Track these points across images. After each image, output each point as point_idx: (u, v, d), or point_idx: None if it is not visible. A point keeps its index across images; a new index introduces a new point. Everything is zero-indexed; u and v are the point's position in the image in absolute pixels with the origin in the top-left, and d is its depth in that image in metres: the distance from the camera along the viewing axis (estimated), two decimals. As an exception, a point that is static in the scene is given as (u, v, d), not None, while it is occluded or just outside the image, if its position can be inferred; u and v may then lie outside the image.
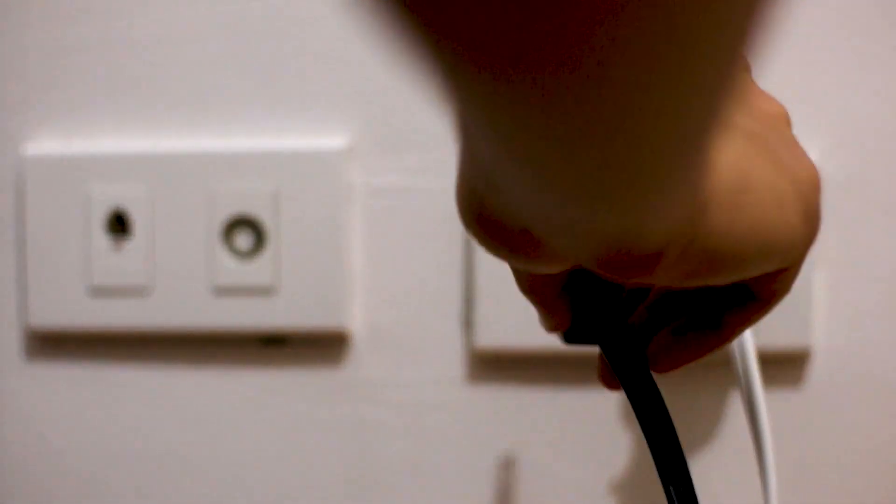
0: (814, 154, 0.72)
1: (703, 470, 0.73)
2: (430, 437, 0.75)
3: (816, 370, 0.73)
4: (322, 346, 0.75)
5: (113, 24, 0.76)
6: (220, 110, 0.76)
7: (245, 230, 0.75)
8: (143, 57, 0.76)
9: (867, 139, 0.72)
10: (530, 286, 0.51)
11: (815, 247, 0.71)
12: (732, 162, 0.42)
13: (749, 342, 0.63)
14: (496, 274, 0.72)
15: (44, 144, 0.76)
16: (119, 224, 0.76)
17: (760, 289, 0.49)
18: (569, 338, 0.50)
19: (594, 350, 0.55)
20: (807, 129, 0.73)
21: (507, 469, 0.75)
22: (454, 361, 0.75)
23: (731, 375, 0.68)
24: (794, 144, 0.48)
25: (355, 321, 0.75)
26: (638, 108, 0.30)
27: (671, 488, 0.48)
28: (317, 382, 0.76)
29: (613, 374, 0.50)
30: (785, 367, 0.73)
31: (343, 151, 0.74)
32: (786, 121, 0.49)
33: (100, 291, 0.75)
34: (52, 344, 0.77)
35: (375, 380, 0.75)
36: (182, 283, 0.75)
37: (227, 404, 0.76)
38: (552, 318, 0.52)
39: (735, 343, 0.63)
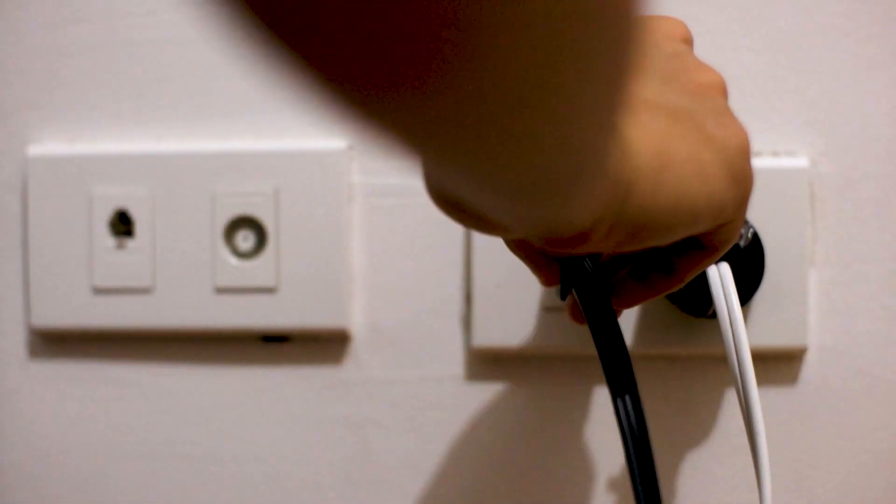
0: (807, 154, 0.73)
1: (699, 467, 0.74)
2: (430, 436, 0.75)
3: (811, 368, 0.73)
4: (322, 344, 0.76)
5: (115, 25, 0.77)
6: (222, 111, 0.76)
7: (246, 230, 0.75)
8: (145, 58, 0.77)
9: (861, 140, 0.73)
10: (516, 244, 0.55)
11: (809, 246, 0.71)
12: (653, 143, 0.45)
13: (744, 340, 0.64)
14: (496, 274, 0.73)
15: (47, 145, 0.77)
16: (122, 224, 0.76)
17: (705, 240, 0.53)
18: (563, 292, 0.56)
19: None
20: (801, 130, 0.73)
21: (506, 468, 0.75)
22: (454, 361, 0.75)
23: (727, 373, 0.69)
24: (723, 113, 0.50)
25: (355, 320, 0.76)
26: (517, 115, 0.32)
27: (619, 401, 0.53)
28: (317, 381, 0.76)
29: (581, 309, 0.55)
30: (780, 365, 0.73)
31: (343, 151, 0.75)
32: (720, 90, 0.51)
33: (103, 291, 0.76)
34: (56, 343, 0.78)
35: (375, 379, 0.76)
36: (184, 282, 0.75)
37: (228, 402, 0.77)
38: (540, 272, 0.56)
39: (730, 341, 0.64)
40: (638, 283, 0.57)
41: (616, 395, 0.53)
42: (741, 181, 0.50)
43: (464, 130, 0.32)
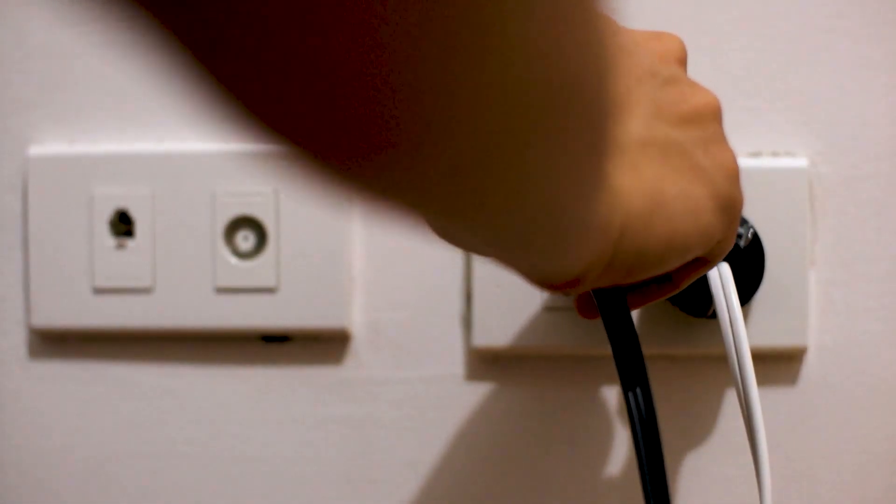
0: (807, 154, 0.73)
1: (699, 467, 0.74)
2: (430, 436, 0.75)
3: (811, 368, 0.73)
4: (323, 344, 0.76)
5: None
6: (222, 112, 0.76)
7: (246, 230, 0.75)
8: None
9: (860, 140, 0.73)
10: None
11: (809, 246, 0.72)
12: (644, 186, 0.46)
13: (744, 340, 0.64)
14: (496, 274, 0.73)
15: (48, 145, 0.77)
16: (122, 224, 0.76)
17: (701, 255, 0.54)
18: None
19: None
20: (801, 130, 0.73)
21: (506, 468, 0.75)
22: (454, 361, 0.75)
23: (727, 373, 0.69)
24: (714, 140, 0.51)
25: (355, 320, 0.76)
26: (483, 178, 0.32)
27: (630, 394, 0.54)
28: (317, 381, 0.76)
29: (590, 306, 0.57)
30: (780, 365, 0.73)
31: (344, 152, 0.75)
32: (713, 114, 0.51)
33: (103, 290, 0.76)
34: (56, 343, 0.78)
35: (376, 378, 0.76)
36: (184, 282, 0.75)
37: (228, 402, 0.77)
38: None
39: (730, 341, 0.64)
40: (641, 291, 0.58)
41: (627, 388, 0.55)
42: (729, 207, 0.51)
43: (434, 195, 0.33)
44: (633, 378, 0.54)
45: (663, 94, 0.50)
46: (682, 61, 0.53)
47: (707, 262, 0.55)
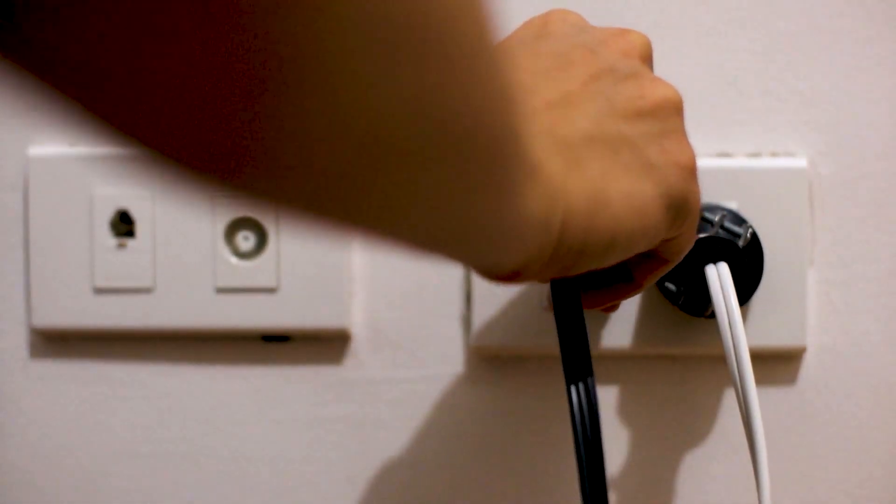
0: (806, 155, 0.73)
1: (698, 467, 0.74)
2: (430, 436, 0.76)
3: (810, 368, 0.73)
4: (323, 344, 0.76)
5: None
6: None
7: (247, 230, 0.76)
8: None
9: (860, 140, 0.73)
10: None
11: (808, 246, 0.72)
12: (588, 184, 0.46)
13: (743, 340, 0.64)
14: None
15: (48, 146, 0.77)
16: (123, 224, 0.76)
17: (655, 252, 0.54)
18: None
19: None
20: (800, 130, 0.73)
21: (506, 468, 0.75)
22: (454, 361, 0.75)
23: (726, 373, 0.69)
24: (669, 134, 0.50)
25: (355, 320, 0.76)
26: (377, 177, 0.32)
27: (572, 388, 0.55)
28: (317, 381, 0.76)
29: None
30: (779, 365, 0.73)
31: (344, 153, 0.75)
32: (673, 108, 0.51)
33: (104, 291, 0.76)
34: (57, 343, 0.78)
35: (376, 378, 0.76)
36: (185, 282, 0.76)
37: (228, 402, 0.77)
38: None
39: (729, 341, 0.64)
40: (600, 291, 0.58)
41: (570, 382, 0.55)
42: (681, 205, 0.51)
43: (328, 209, 0.33)
44: (578, 372, 0.55)
45: (621, 88, 0.50)
46: (646, 57, 0.53)
47: (666, 261, 0.55)
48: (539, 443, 0.75)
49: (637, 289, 0.58)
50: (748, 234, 0.69)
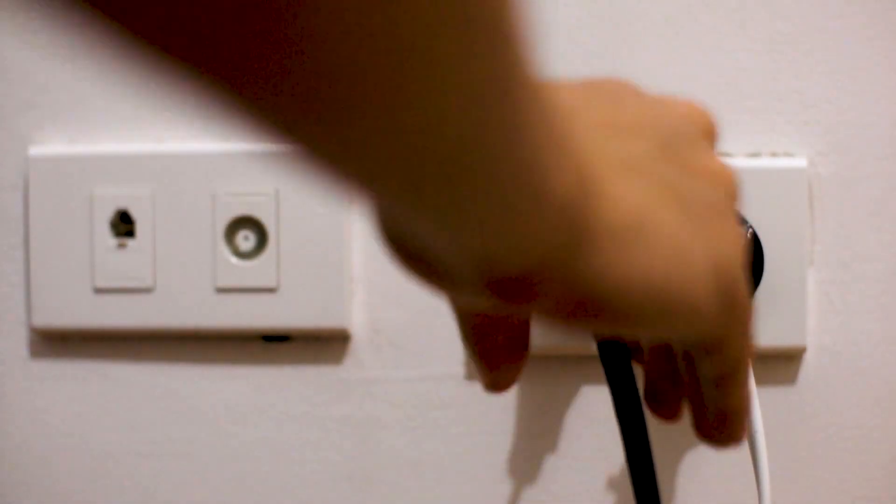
0: (806, 155, 0.73)
1: (698, 467, 0.74)
2: (431, 435, 0.76)
3: (810, 368, 0.73)
4: (323, 344, 0.76)
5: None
6: (223, 112, 0.76)
7: (247, 230, 0.76)
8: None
9: (860, 140, 0.73)
10: (471, 326, 0.53)
11: (808, 246, 0.72)
12: (632, 201, 0.40)
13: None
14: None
15: (48, 146, 0.77)
16: (123, 224, 0.76)
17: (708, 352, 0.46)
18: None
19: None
20: (800, 130, 0.73)
21: (506, 468, 0.75)
22: (454, 361, 0.75)
23: (726, 373, 0.69)
24: (728, 213, 0.44)
25: (355, 320, 0.76)
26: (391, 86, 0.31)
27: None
28: (317, 381, 0.76)
29: (497, 355, 0.53)
30: (778, 365, 0.73)
31: (344, 152, 0.75)
32: (729, 187, 0.45)
33: (104, 290, 0.76)
34: (57, 342, 0.78)
35: (375, 378, 0.76)
36: (185, 282, 0.76)
37: (228, 402, 0.77)
38: (486, 368, 0.53)
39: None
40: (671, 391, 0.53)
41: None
42: (730, 299, 0.43)
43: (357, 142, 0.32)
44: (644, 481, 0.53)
45: (676, 143, 0.44)
46: (711, 136, 0.48)
47: (728, 373, 0.47)
48: (538, 442, 0.75)
49: (700, 397, 0.51)
50: (748, 235, 0.69)
